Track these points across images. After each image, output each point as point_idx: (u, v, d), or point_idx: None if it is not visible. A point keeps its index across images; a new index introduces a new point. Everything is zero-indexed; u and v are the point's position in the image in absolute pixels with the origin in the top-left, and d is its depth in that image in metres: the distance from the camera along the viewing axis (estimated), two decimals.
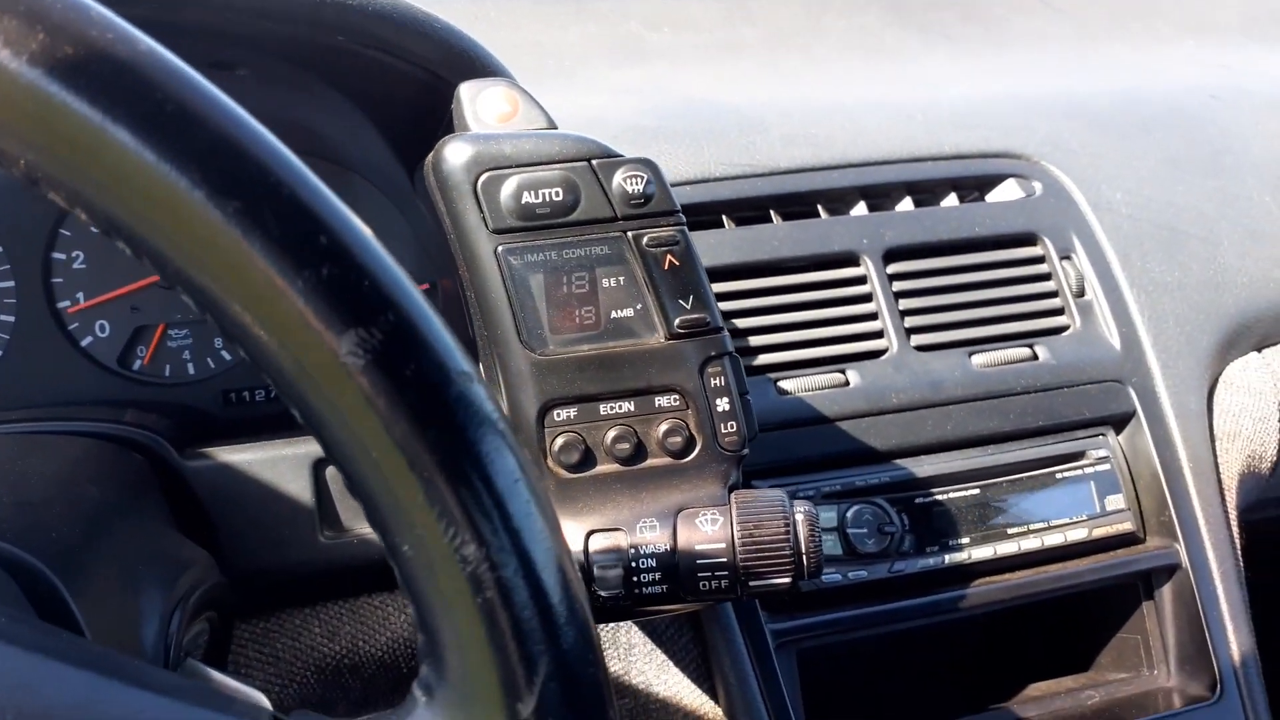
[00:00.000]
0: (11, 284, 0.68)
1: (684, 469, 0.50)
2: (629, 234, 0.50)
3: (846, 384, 0.71)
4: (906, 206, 0.77)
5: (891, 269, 0.74)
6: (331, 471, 0.61)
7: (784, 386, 0.70)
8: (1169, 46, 1.12)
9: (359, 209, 0.28)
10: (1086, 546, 0.70)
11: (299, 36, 0.53)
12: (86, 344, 0.69)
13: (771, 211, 0.74)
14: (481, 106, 0.51)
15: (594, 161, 0.50)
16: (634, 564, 0.47)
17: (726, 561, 0.47)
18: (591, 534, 0.48)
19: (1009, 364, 0.73)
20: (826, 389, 0.70)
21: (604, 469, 0.49)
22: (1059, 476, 0.71)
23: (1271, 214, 0.84)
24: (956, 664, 0.75)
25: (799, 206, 0.75)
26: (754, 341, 0.71)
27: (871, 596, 0.67)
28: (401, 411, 0.25)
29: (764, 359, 0.71)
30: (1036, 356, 0.74)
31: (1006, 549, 0.69)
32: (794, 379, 0.70)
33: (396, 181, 0.69)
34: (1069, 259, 0.78)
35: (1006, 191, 0.80)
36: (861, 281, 0.74)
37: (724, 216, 0.73)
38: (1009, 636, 0.77)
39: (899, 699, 0.71)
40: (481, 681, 0.25)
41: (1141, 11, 1.17)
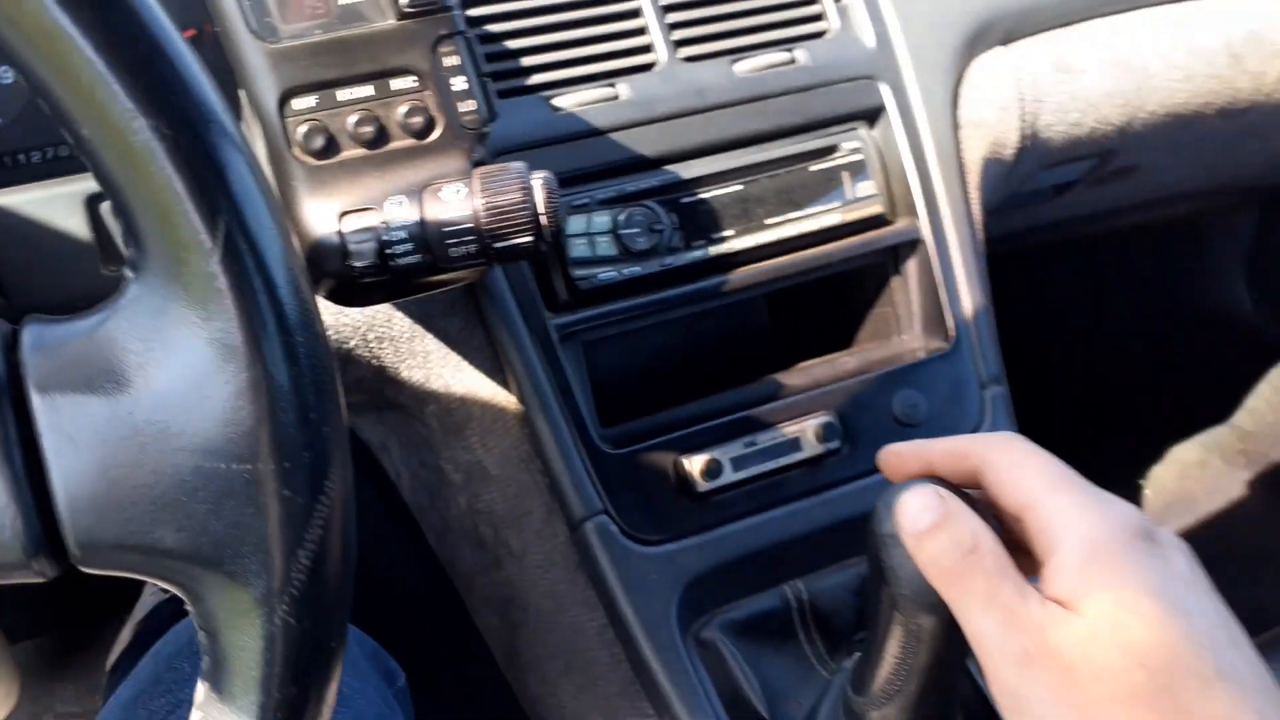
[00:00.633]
0: None
1: (428, 148, 0.54)
2: None
3: (616, 97, 0.75)
4: None
5: None
6: (106, 206, 0.62)
7: (556, 103, 0.74)
8: None
9: None
10: (840, 230, 0.78)
11: None
12: None
13: None
14: None
15: None
16: (386, 237, 0.51)
17: (472, 227, 0.51)
18: (344, 214, 0.52)
19: (769, 68, 0.78)
20: (598, 103, 0.74)
21: (350, 154, 0.53)
22: (813, 169, 0.78)
23: None
24: (736, 357, 0.83)
25: None
26: (525, 62, 0.74)
27: (646, 290, 0.73)
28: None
29: (537, 78, 0.74)
30: (795, 60, 0.79)
31: (766, 237, 0.76)
32: (566, 95, 0.74)
33: None
34: None
35: None
36: None
37: None
38: (784, 325, 0.85)
39: (683, 384, 0.79)
40: (171, 239, 0.29)
41: None
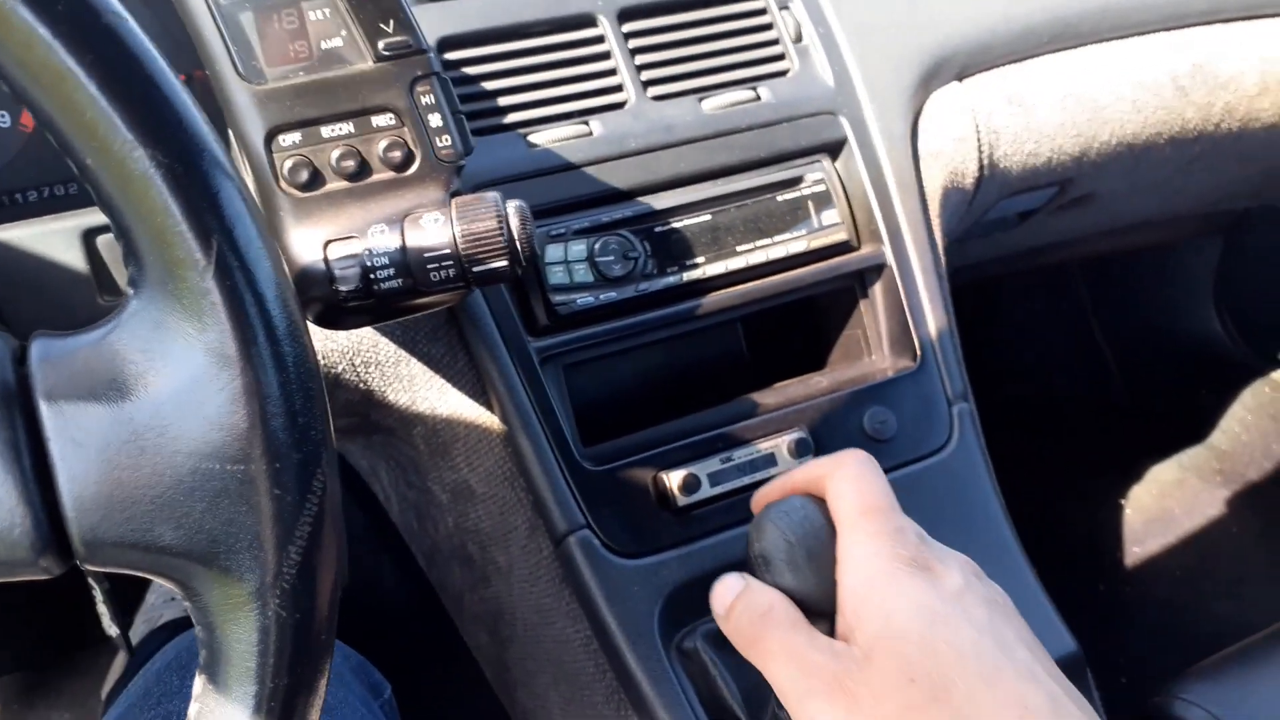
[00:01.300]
0: None
1: (407, 180, 0.57)
2: None
3: (590, 134, 0.79)
4: None
5: (626, 27, 0.81)
6: (103, 240, 0.66)
7: (532, 140, 0.77)
8: None
9: None
10: (808, 257, 0.81)
11: None
12: None
13: None
14: None
15: None
16: (370, 263, 0.54)
17: (450, 253, 0.55)
18: (329, 243, 0.55)
19: (735, 105, 0.82)
20: (572, 139, 0.78)
21: (333, 186, 0.56)
22: (780, 199, 0.81)
23: None
24: (713, 379, 0.86)
25: None
26: (502, 102, 0.78)
27: (623, 314, 0.77)
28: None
29: (513, 117, 0.78)
30: (759, 97, 0.83)
31: (737, 264, 0.79)
32: (541, 132, 0.78)
33: None
34: (787, 9, 0.86)
35: None
36: (600, 40, 0.81)
37: None
38: (759, 348, 0.89)
39: (662, 405, 0.82)
40: (168, 258, 0.32)
41: None
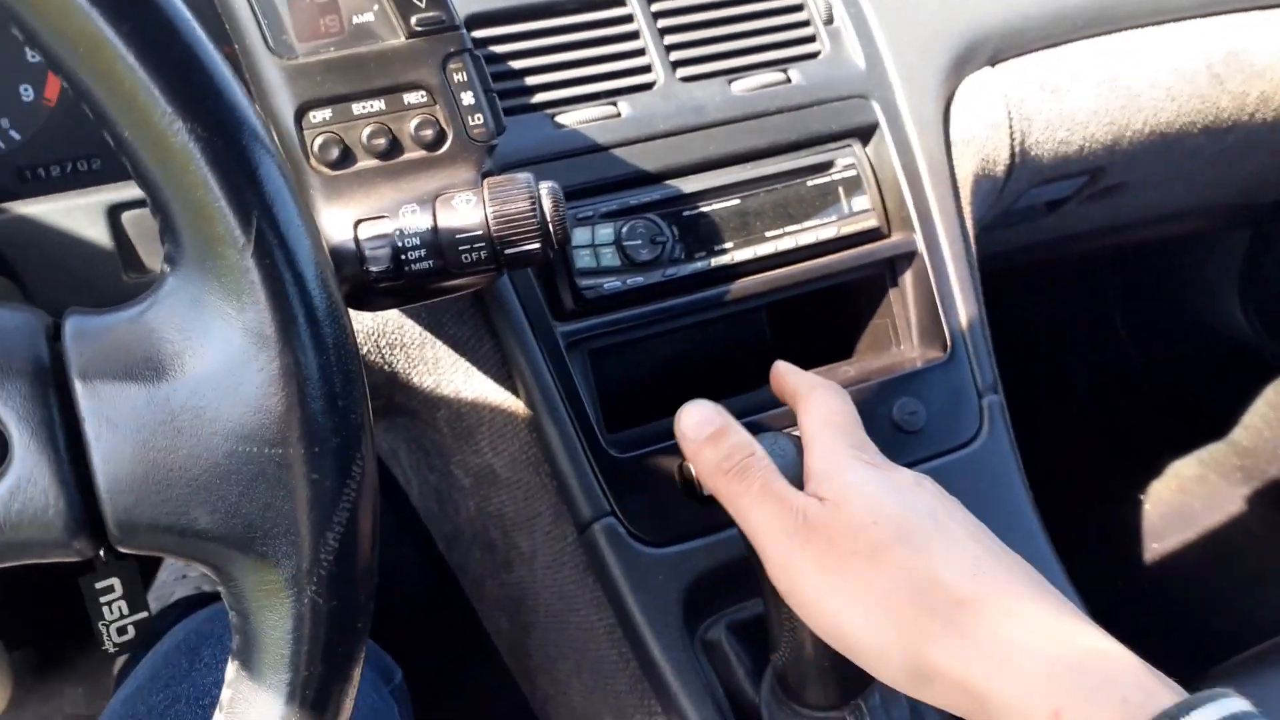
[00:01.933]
0: None
1: (439, 160, 0.56)
2: None
3: (618, 115, 0.77)
4: None
5: (655, 7, 0.80)
6: (128, 216, 0.65)
7: (560, 121, 0.76)
8: None
9: None
10: (837, 243, 0.80)
11: None
12: None
13: None
14: None
15: None
16: (400, 243, 0.53)
17: (482, 234, 0.54)
18: (360, 222, 0.54)
19: (765, 88, 0.81)
20: (600, 120, 0.77)
21: (364, 164, 0.55)
22: (810, 184, 0.80)
23: None
24: (739, 367, 0.85)
25: None
26: (529, 82, 0.76)
27: (650, 299, 0.76)
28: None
29: (540, 97, 0.77)
30: (790, 79, 0.82)
31: (766, 250, 0.78)
32: (569, 113, 0.76)
33: None
34: None
35: None
36: (629, 20, 0.79)
37: None
38: (786, 337, 0.88)
39: (688, 392, 0.80)
40: (207, 235, 0.31)
41: None
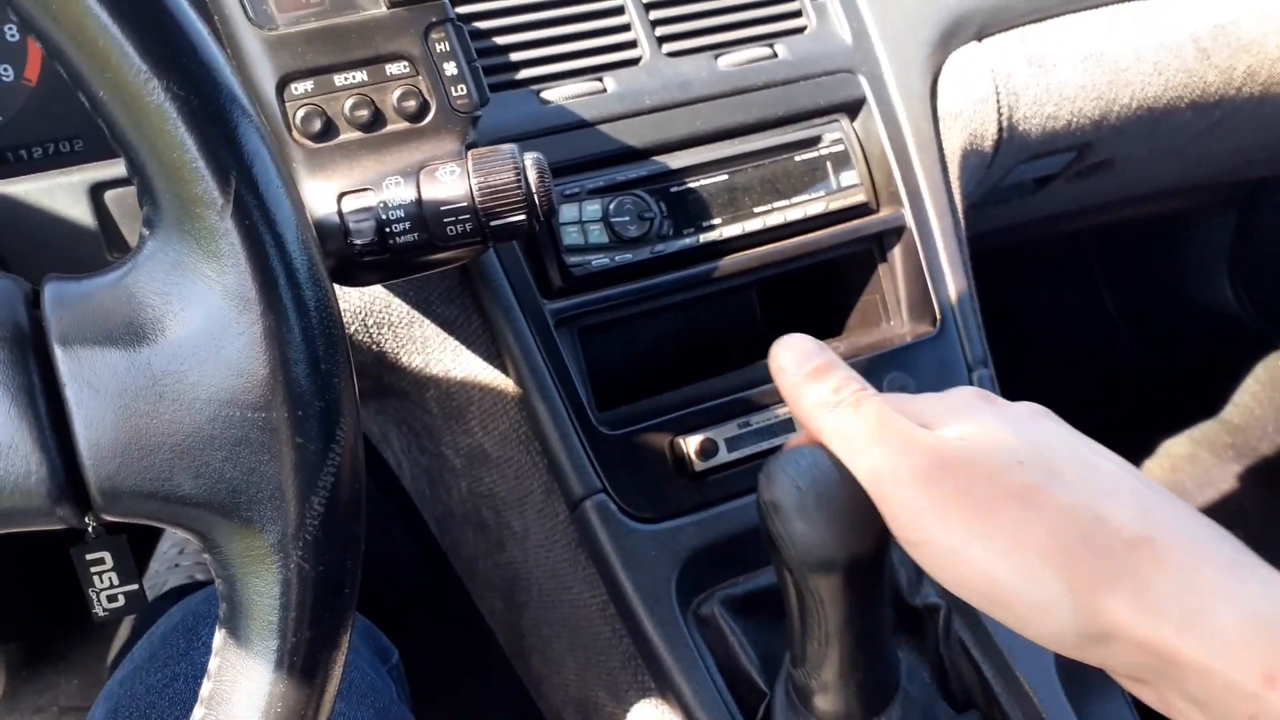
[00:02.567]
0: None
1: (422, 131, 0.55)
2: None
3: (604, 90, 0.77)
4: None
5: None
6: (111, 195, 0.64)
7: (545, 96, 0.76)
8: None
9: None
10: (826, 219, 0.80)
11: None
12: None
13: None
14: None
15: None
16: (385, 216, 0.53)
17: (467, 206, 0.53)
18: (343, 195, 0.53)
19: (751, 63, 0.81)
20: (585, 96, 0.76)
21: (347, 136, 0.54)
22: (798, 159, 0.80)
23: None
24: (729, 345, 0.85)
25: None
26: (514, 57, 0.76)
27: (638, 276, 0.75)
28: None
29: (525, 73, 0.76)
30: (776, 55, 0.81)
31: (753, 225, 0.78)
32: (554, 89, 0.76)
33: None
34: None
35: None
36: None
37: None
38: (776, 314, 0.87)
39: (678, 371, 0.80)
40: (185, 196, 0.31)
41: None
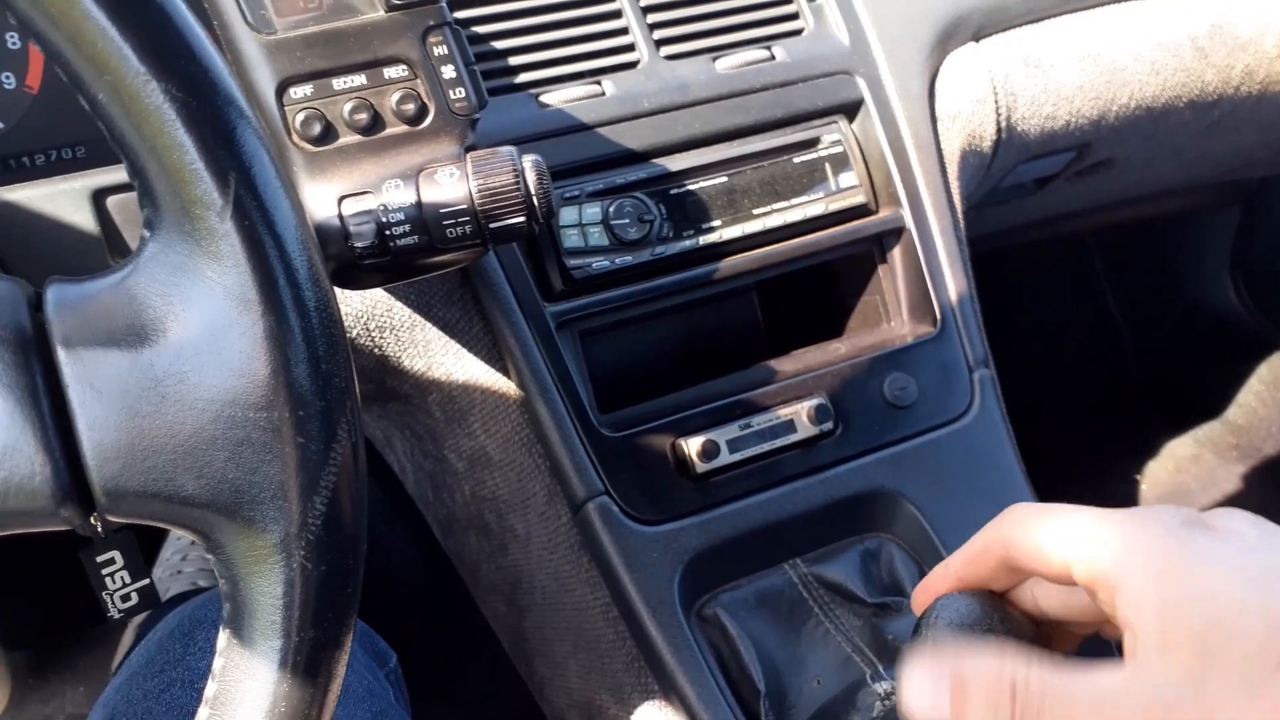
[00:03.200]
0: None
1: (421, 134, 0.56)
2: None
3: (602, 94, 0.77)
4: None
5: None
6: (113, 201, 0.64)
7: (544, 100, 0.76)
8: None
9: None
10: (825, 220, 0.80)
11: None
12: None
13: None
14: None
15: None
16: (385, 219, 0.53)
17: (466, 208, 0.53)
18: (343, 198, 0.54)
19: (749, 65, 0.81)
20: (584, 99, 0.77)
21: (346, 140, 0.55)
22: (797, 161, 0.80)
23: None
24: (730, 347, 0.85)
25: None
26: (513, 61, 0.76)
27: (639, 278, 0.75)
28: None
29: (523, 77, 0.76)
30: (774, 57, 0.82)
31: (753, 227, 0.78)
32: (552, 92, 0.76)
33: None
34: None
35: None
36: None
37: None
38: (777, 316, 0.87)
39: (679, 374, 0.80)
40: (185, 198, 0.31)
41: None
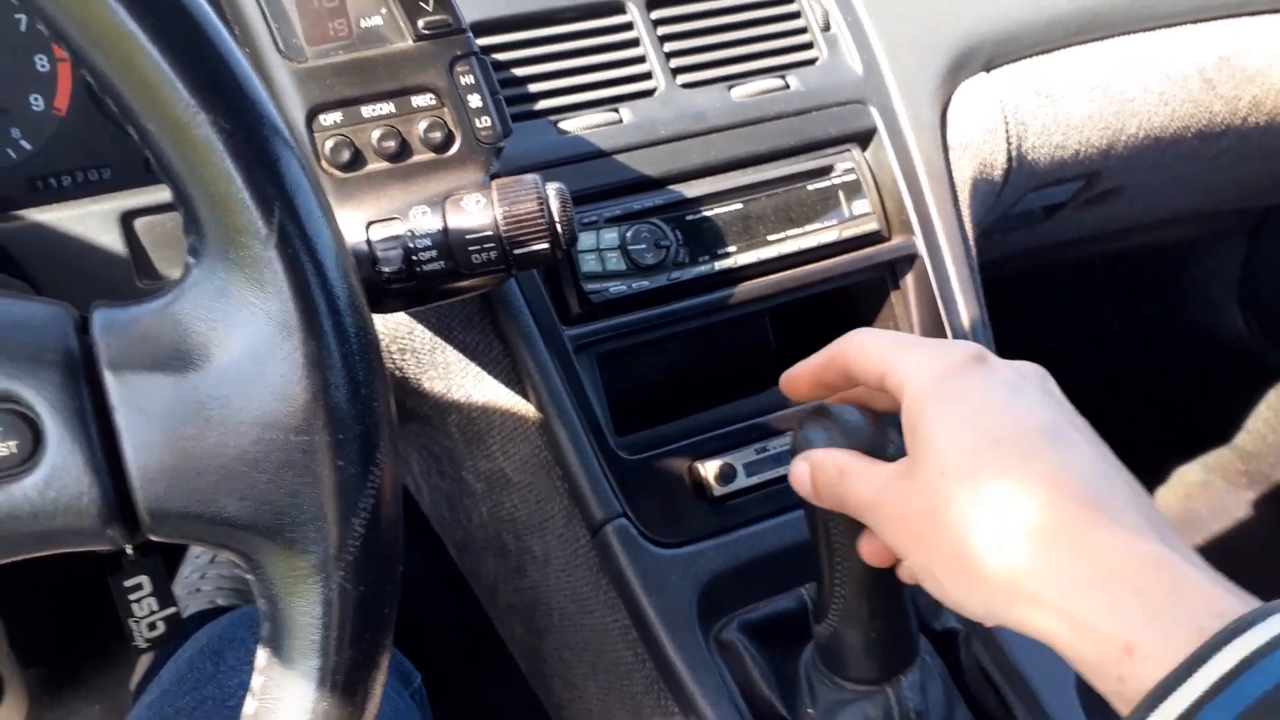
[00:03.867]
0: None
1: (447, 162, 0.57)
2: None
3: (620, 121, 0.78)
4: None
5: (655, 14, 0.81)
6: (141, 223, 0.65)
7: (563, 127, 0.77)
8: None
9: None
10: (839, 246, 0.81)
11: None
12: None
13: None
14: None
15: None
16: (412, 245, 0.54)
17: (492, 235, 0.54)
18: (371, 224, 0.55)
19: (764, 94, 0.82)
20: (602, 126, 0.78)
21: (374, 167, 0.56)
22: (811, 188, 0.81)
23: None
24: (745, 371, 0.86)
25: None
26: (532, 89, 0.77)
27: (655, 303, 0.76)
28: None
29: (543, 104, 0.78)
30: (788, 86, 0.83)
31: (768, 253, 0.79)
32: (571, 120, 0.77)
33: None
34: None
35: None
36: (629, 28, 0.80)
37: None
38: (791, 342, 0.88)
39: (695, 397, 0.81)
40: (230, 226, 0.32)
41: None
